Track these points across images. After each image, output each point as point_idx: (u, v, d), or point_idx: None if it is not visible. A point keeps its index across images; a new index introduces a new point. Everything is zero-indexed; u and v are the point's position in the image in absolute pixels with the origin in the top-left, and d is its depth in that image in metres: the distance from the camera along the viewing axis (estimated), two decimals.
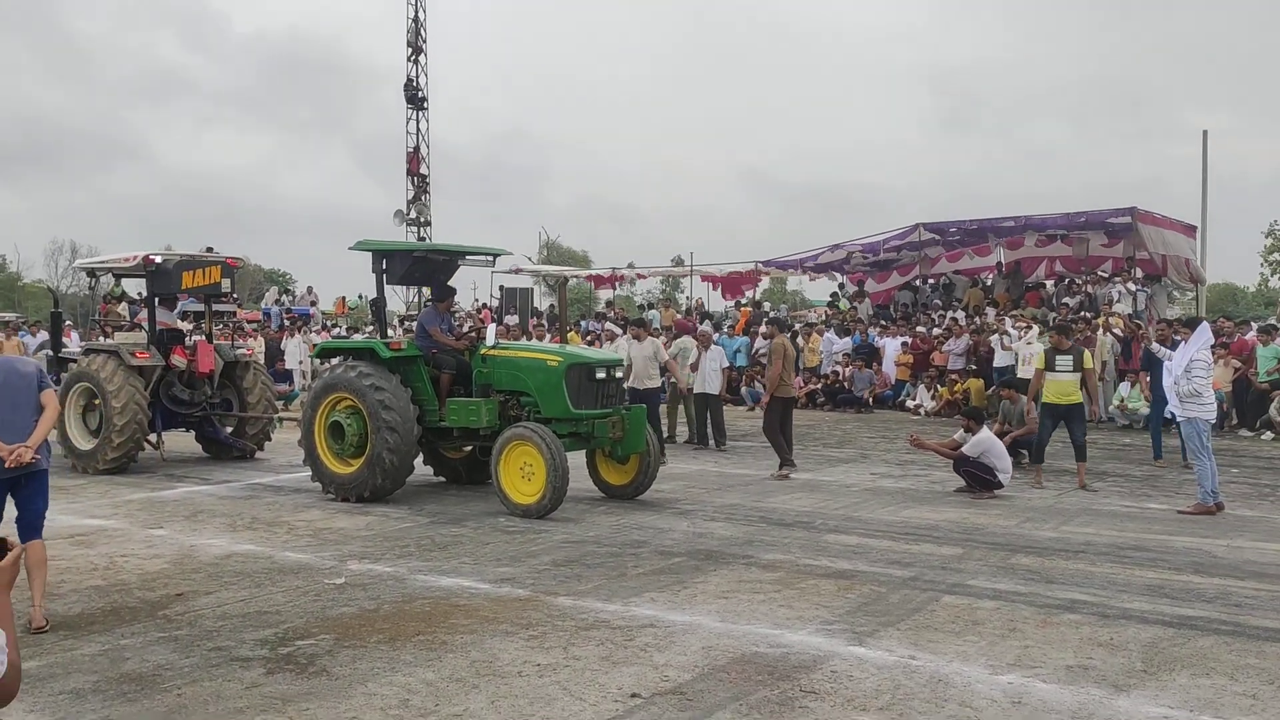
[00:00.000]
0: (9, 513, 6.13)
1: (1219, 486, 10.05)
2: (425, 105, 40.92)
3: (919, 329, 23.26)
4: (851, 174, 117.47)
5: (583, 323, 29.35)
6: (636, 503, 10.46)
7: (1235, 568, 7.60)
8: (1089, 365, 11.71)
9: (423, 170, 41.05)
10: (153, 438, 13.30)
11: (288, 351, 24.53)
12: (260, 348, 22.71)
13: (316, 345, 15.12)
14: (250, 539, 8.67)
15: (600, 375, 10.23)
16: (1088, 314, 20.67)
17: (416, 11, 40.31)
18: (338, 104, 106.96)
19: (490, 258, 12.09)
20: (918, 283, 28.34)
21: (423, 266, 11.57)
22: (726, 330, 25.15)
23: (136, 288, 21.62)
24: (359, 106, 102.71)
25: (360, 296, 33.54)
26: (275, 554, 8.07)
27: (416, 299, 32.03)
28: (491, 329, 11.79)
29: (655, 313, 27.87)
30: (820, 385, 22.54)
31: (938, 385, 20.70)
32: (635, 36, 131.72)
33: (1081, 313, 21.06)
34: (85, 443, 12.82)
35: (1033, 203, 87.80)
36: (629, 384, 14.37)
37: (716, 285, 31.34)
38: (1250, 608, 6.49)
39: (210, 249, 18.49)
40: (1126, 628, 6.02)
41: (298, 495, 10.96)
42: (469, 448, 11.47)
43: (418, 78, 40.63)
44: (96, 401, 12.70)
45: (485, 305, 32.63)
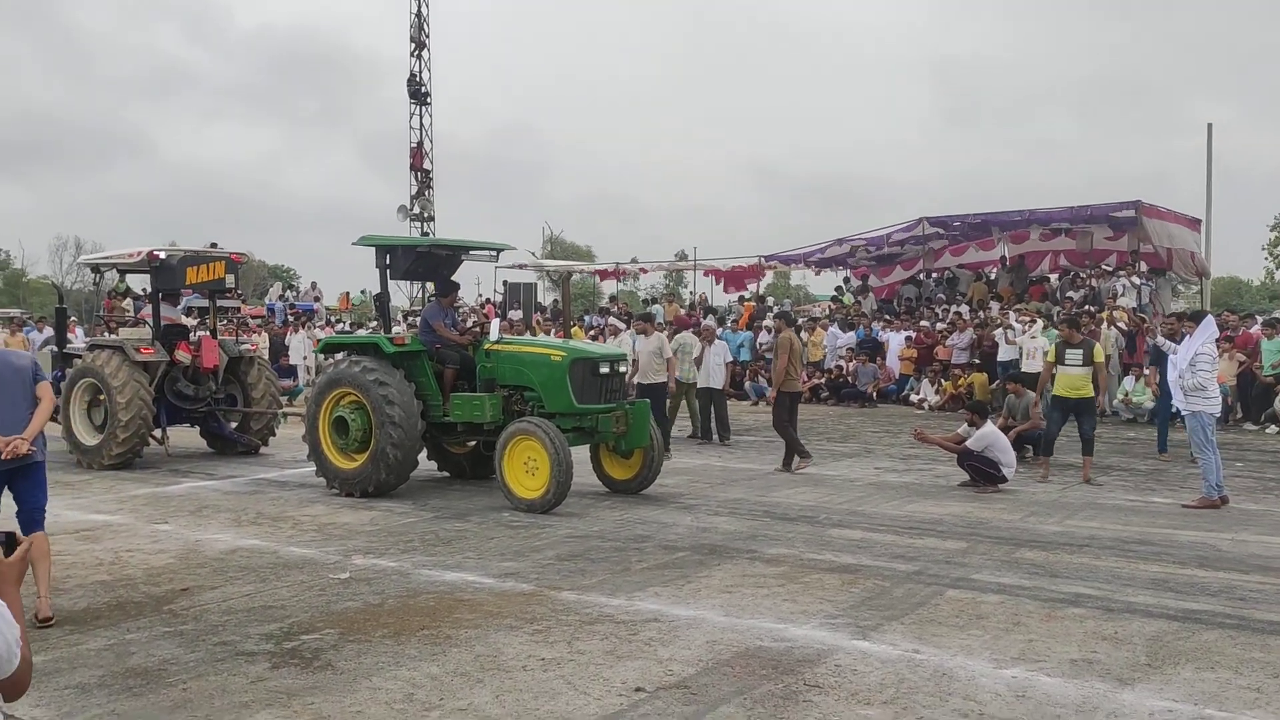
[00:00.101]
0: (9, 508, 6.15)
1: (1223, 480, 10.05)
2: (428, 100, 40.95)
3: (923, 323, 23.25)
4: (855, 169, 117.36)
5: (586, 317, 29.37)
6: (640, 497, 10.47)
7: (1240, 561, 7.59)
8: (1099, 359, 11.68)
9: (426, 165, 41.09)
10: (157, 433, 13.33)
11: (292, 347, 24.59)
12: (264, 343, 22.74)
13: (320, 340, 15.13)
14: (255, 534, 8.69)
15: (604, 370, 10.23)
16: (1091, 308, 20.63)
17: (419, 6, 40.33)
18: (341, 99, 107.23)
19: (494, 253, 12.09)
20: (921, 277, 28.32)
21: (426, 262, 11.58)
22: (730, 325, 25.17)
23: (141, 284, 21.68)
24: (362, 102, 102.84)
25: (363, 292, 33.56)
26: (280, 549, 8.09)
27: (420, 294, 32.05)
28: (495, 324, 11.80)
29: (659, 308, 27.87)
30: (824, 380, 22.53)
31: (941, 379, 20.70)
32: (638, 32, 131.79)
33: (1085, 306, 21.02)
34: (90, 438, 12.84)
35: (1037, 197, 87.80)
36: (636, 379, 14.40)
37: (720, 280, 31.32)
38: (1255, 601, 6.48)
39: (214, 244, 18.56)
40: (1131, 621, 6.02)
41: (302, 490, 10.98)
42: (473, 443, 11.47)
43: (421, 73, 40.66)
44: (101, 397, 12.72)
45: (489, 300, 32.64)
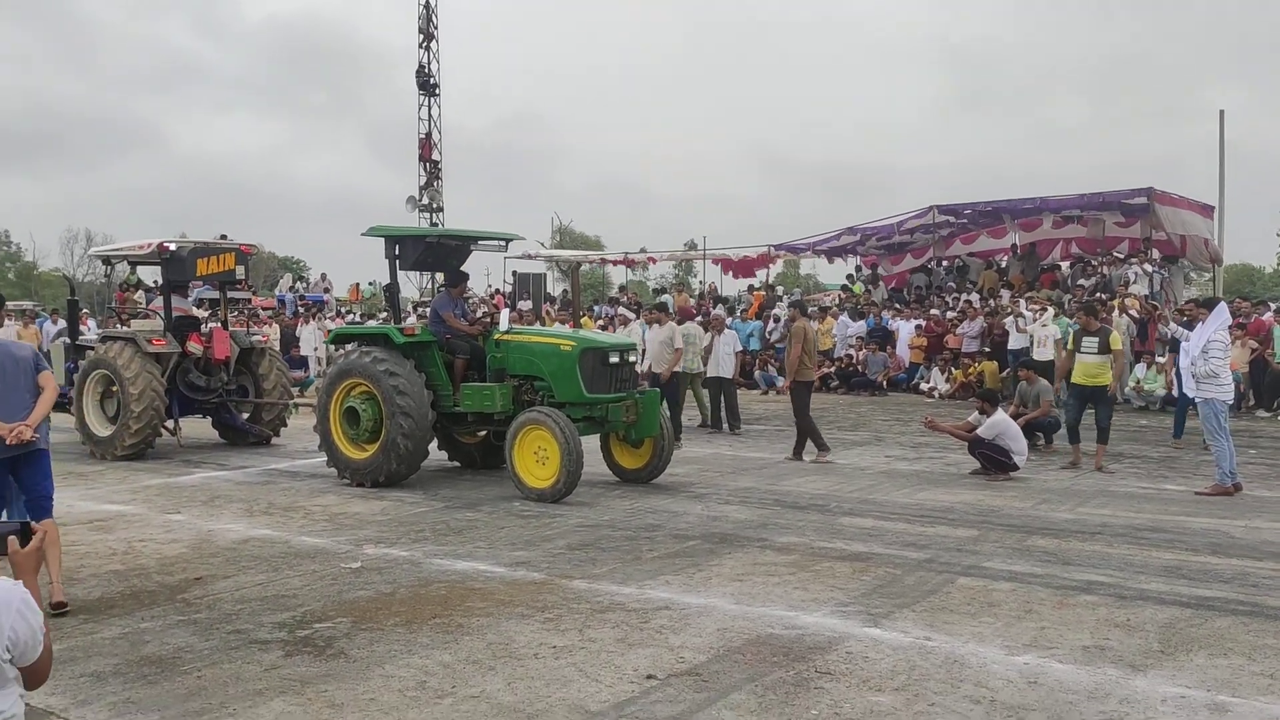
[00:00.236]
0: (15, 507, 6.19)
1: (1237, 467, 10.00)
2: (437, 91, 40.94)
3: (933, 312, 23.17)
4: (865, 157, 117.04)
5: (595, 307, 29.36)
6: (651, 486, 10.47)
7: (1253, 548, 7.56)
8: (1116, 346, 11.59)
9: (435, 156, 41.10)
10: (170, 424, 13.39)
11: (302, 338, 24.64)
12: (275, 334, 22.80)
13: (331, 331, 15.17)
14: (267, 524, 8.72)
15: (614, 360, 10.23)
16: (1103, 295, 20.54)
17: None
18: (350, 90, 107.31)
19: (503, 243, 12.09)
20: (932, 265, 28.20)
21: (435, 252, 11.58)
22: (740, 314, 25.12)
23: (152, 275, 21.74)
24: (371, 93, 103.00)
25: (370, 284, 33.61)
26: (292, 539, 8.12)
27: (430, 285, 32.08)
28: (505, 314, 11.81)
29: (669, 297, 27.85)
30: (834, 368, 22.49)
31: (952, 368, 20.65)
32: (646, 20, 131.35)
33: (1097, 294, 20.93)
34: (103, 429, 12.91)
35: (1048, 184, 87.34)
36: (650, 369, 14.38)
37: (728, 269, 31.25)
38: (1268, 588, 6.45)
39: (224, 236, 18.57)
40: (1143, 608, 6.00)
41: (313, 480, 11.02)
42: (483, 432, 11.50)
43: (429, 63, 40.65)
44: (114, 388, 12.78)
45: (498, 290, 32.66)
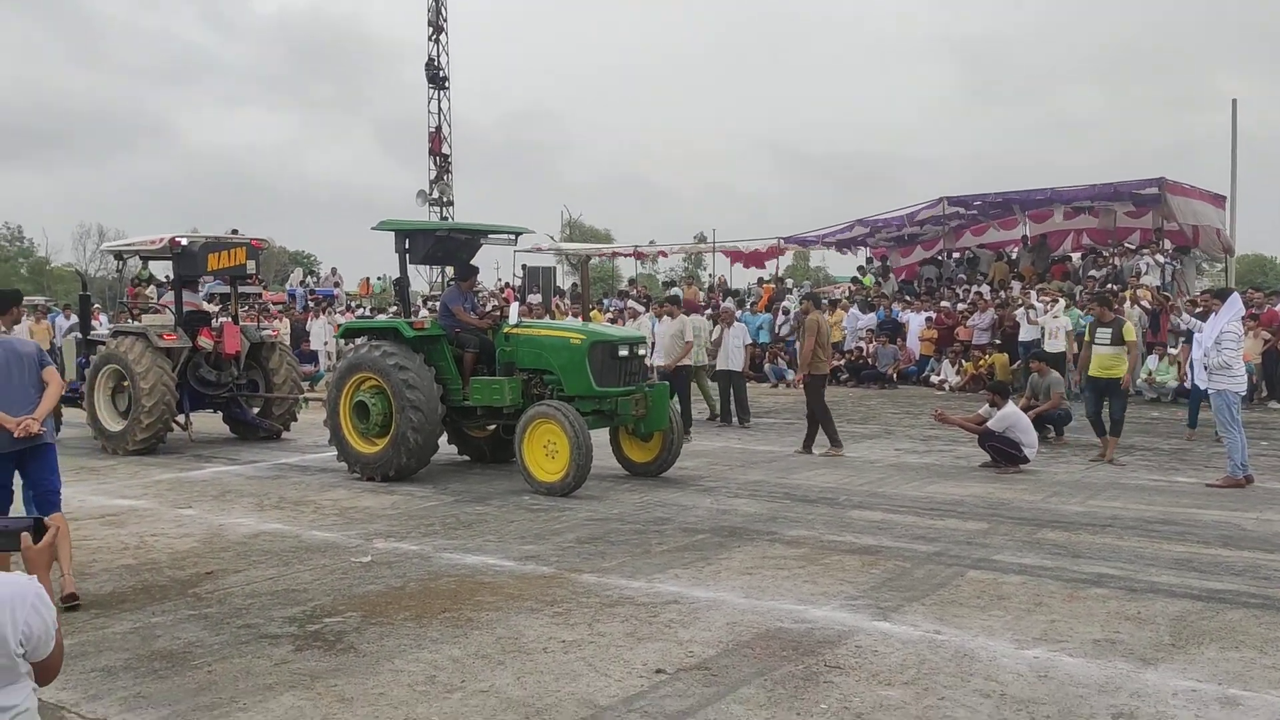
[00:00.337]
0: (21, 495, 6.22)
1: (1248, 459, 9.96)
2: (446, 85, 40.87)
3: (943, 304, 23.10)
4: (875, 148, 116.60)
5: (605, 300, 29.35)
6: (660, 480, 10.48)
7: (1264, 541, 7.53)
8: (1130, 338, 11.51)
9: (444, 150, 41.06)
10: (181, 419, 13.44)
11: (313, 332, 24.71)
12: (285, 329, 22.86)
13: (341, 326, 15.20)
14: (278, 518, 8.76)
15: (623, 353, 10.23)
16: (1114, 286, 20.45)
17: None
18: (359, 84, 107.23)
19: (512, 236, 12.08)
20: (942, 257, 28.11)
21: (445, 246, 11.60)
22: (750, 307, 25.10)
23: (164, 270, 21.81)
24: (381, 86, 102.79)
25: (379, 279, 33.66)
26: (302, 533, 8.14)
27: (440, 278, 32.11)
28: (514, 307, 11.80)
29: (678, 290, 27.84)
30: (844, 361, 22.45)
31: (962, 360, 20.59)
32: (655, 12, 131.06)
33: (1108, 285, 20.84)
34: (114, 424, 12.97)
35: (1059, 174, 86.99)
36: (661, 363, 14.38)
37: (738, 260, 31.18)
38: (1279, 581, 6.43)
39: (235, 231, 18.64)
40: (1154, 601, 5.98)
41: (324, 475, 11.05)
42: (493, 426, 11.51)
43: (439, 57, 40.57)
44: (125, 383, 12.82)
45: (508, 284, 32.68)
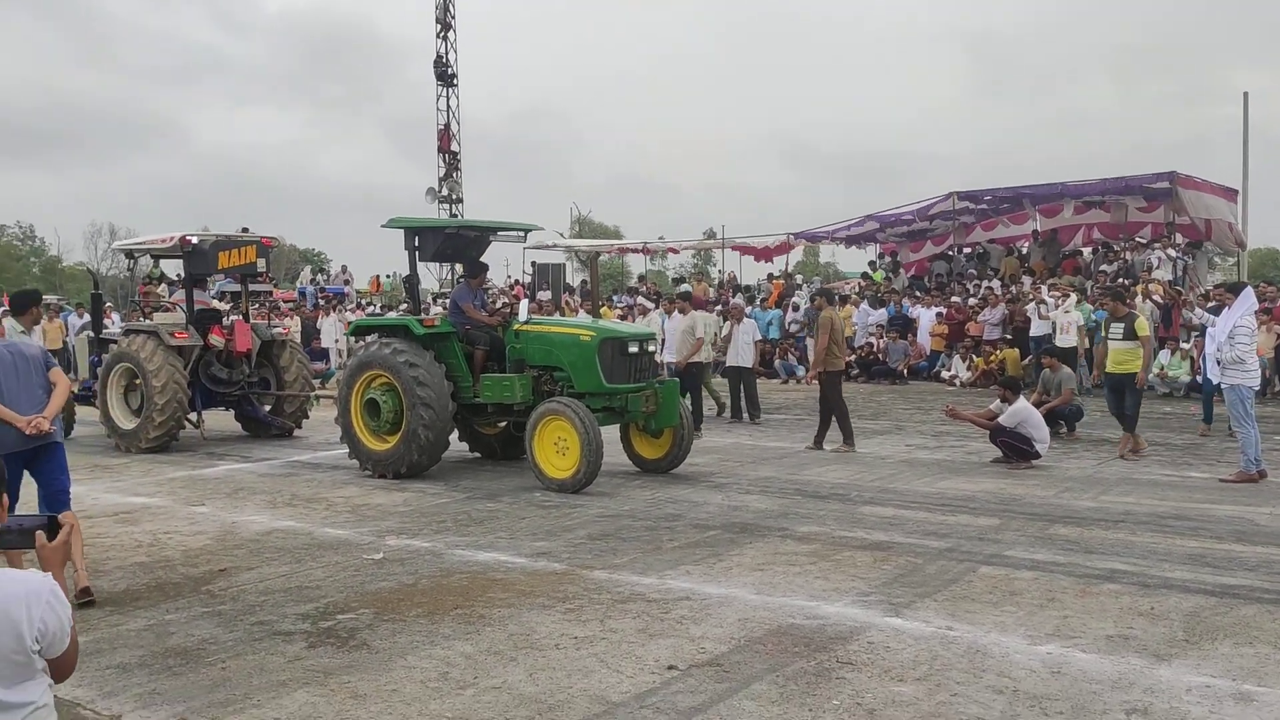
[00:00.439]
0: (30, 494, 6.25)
1: (1262, 454, 9.90)
2: (455, 82, 40.90)
3: (954, 299, 23.05)
4: (885, 144, 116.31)
5: (615, 297, 29.36)
6: (671, 476, 10.47)
7: (1278, 536, 7.48)
8: (1143, 333, 11.43)
9: (453, 147, 41.10)
10: (193, 416, 13.49)
11: (323, 330, 24.79)
12: (296, 327, 22.94)
13: (351, 323, 15.23)
14: (290, 515, 8.78)
15: (633, 349, 10.22)
16: (1125, 281, 20.37)
17: None
18: (368, 82, 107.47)
19: (522, 233, 12.08)
20: (952, 252, 28.03)
21: (455, 243, 11.61)
22: (760, 303, 25.07)
23: (175, 269, 21.88)
24: (389, 85, 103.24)
25: (388, 277, 33.70)
26: (315, 530, 8.17)
27: (449, 276, 32.15)
28: (524, 304, 11.82)
29: (688, 286, 27.82)
30: (854, 357, 22.41)
31: (973, 355, 20.52)
32: (663, 10, 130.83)
33: (1119, 279, 20.76)
34: (127, 422, 13.03)
35: (1070, 169, 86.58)
36: (672, 359, 14.37)
37: (748, 254, 31.12)
38: None
39: (245, 229, 18.66)
40: (1167, 597, 5.95)
41: (335, 472, 11.08)
42: (503, 423, 11.53)
43: (447, 54, 40.61)
44: (138, 381, 12.89)
45: (518, 281, 32.71)
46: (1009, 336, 20.14)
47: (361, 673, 4.91)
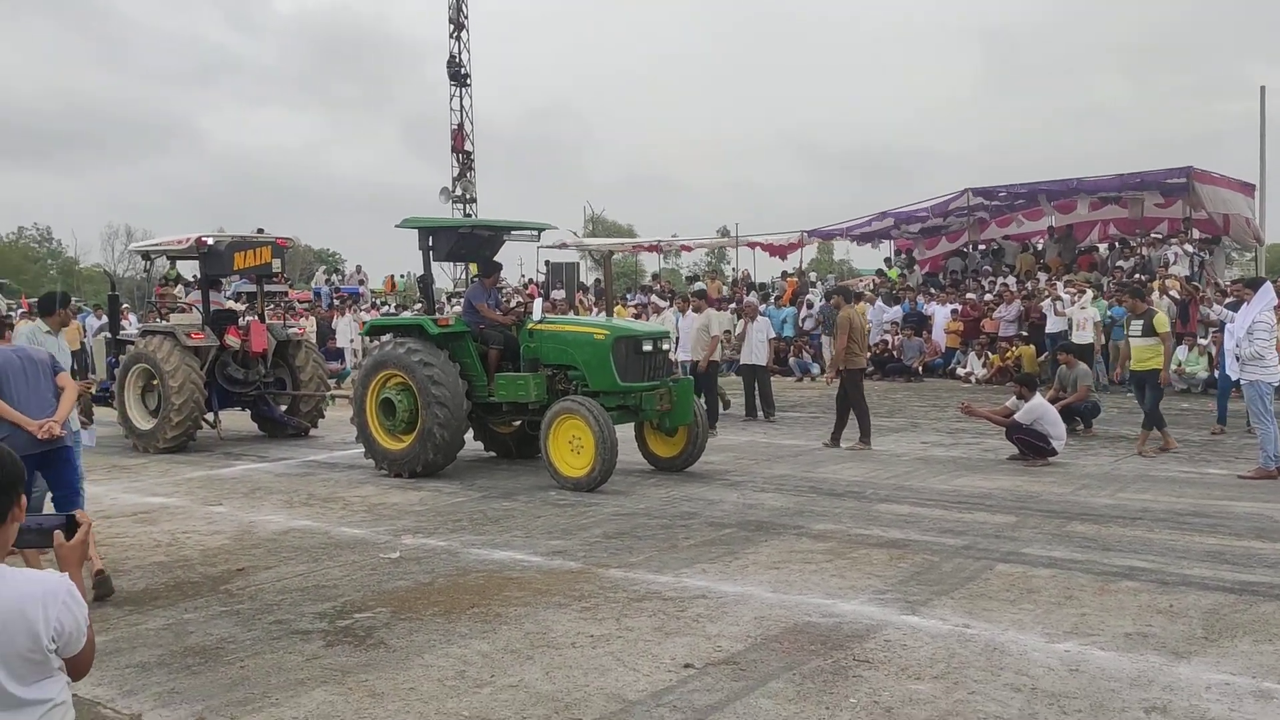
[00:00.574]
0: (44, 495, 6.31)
1: None
2: (468, 82, 40.96)
3: (969, 296, 22.95)
4: (898, 140, 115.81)
5: (629, 295, 29.35)
6: (686, 474, 10.47)
7: None
8: (1163, 329, 11.34)
9: (467, 147, 41.16)
10: (210, 417, 13.56)
11: (338, 330, 24.86)
12: (312, 327, 23.00)
13: (366, 323, 15.28)
14: (307, 515, 8.82)
15: (647, 348, 10.22)
16: (1142, 277, 20.25)
17: None
18: (382, 82, 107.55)
19: (535, 233, 12.10)
20: (967, 249, 27.93)
21: (468, 243, 11.64)
22: (774, 301, 25.03)
23: (191, 270, 22.00)
24: (403, 84, 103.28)
25: (402, 277, 33.77)
26: (332, 529, 8.20)
27: (463, 275, 32.21)
28: (538, 303, 11.83)
29: (702, 284, 27.79)
30: (869, 354, 22.34)
31: (989, 352, 20.43)
32: (675, 9, 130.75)
33: (1136, 275, 20.64)
34: (145, 422, 13.11)
35: (1085, 164, 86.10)
36: (689, 357, 14.35)
37: (760, 249, 31.03)
38: None
39: (261, 230, 18.76)
40: (1186, 594, 5.92)
41: (351, 471, 11.12)
42: (518, 422, 11.55)
43: (460, 54, 40.66)
44: (154, 382, 12.96)
45: (531, 280, 32.74)
46: (1025, 333, 20.04)
47: (379, 671, 4.93)
